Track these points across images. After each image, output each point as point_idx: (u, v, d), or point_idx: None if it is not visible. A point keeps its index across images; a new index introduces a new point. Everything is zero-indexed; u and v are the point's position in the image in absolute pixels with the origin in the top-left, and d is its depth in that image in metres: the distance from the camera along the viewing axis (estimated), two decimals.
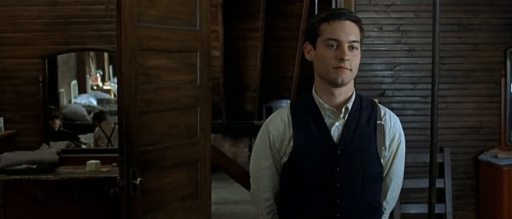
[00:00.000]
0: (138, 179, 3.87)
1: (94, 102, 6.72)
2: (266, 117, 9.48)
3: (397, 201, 4.74)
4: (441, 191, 4.92)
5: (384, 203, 2.53)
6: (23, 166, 4.87)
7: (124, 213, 3.91)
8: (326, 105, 2.39)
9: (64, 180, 4.82)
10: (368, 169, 2.39)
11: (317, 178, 2.41)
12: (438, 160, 4.91)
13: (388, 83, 4.83)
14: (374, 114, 2.42)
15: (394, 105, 4.82)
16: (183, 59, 4.33)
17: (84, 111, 6.34)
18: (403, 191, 4.74)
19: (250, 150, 9.67)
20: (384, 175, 2.49)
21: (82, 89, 6.59)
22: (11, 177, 4.80)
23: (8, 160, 4.87)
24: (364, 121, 2.40)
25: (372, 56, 4.80)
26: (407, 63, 4.82)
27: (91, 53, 6.41)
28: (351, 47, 2.32)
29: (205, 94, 4.51)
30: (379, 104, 2.51)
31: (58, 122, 5.83)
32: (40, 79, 5.20)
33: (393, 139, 2.44)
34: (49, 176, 4.83)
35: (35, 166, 4.88)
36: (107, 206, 4.62)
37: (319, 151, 2.40)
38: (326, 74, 2.35)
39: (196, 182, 4.49)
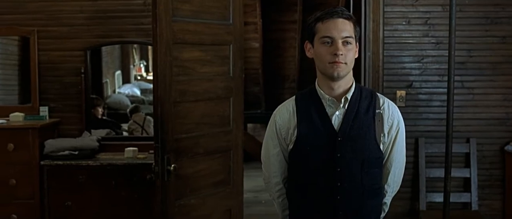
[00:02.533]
0: (172, 165, 4.04)
1: (138, 92, 6.83)
2: None
3: (423, 190, 4.90)
4: (467, 181, 5.01)
5: (385, 186, 2.69)
6: (66, 152, 5.05)
7: (158, 197, 4.08)
8: (327, 96, 2.58)
9: (104, 165, 4.99)
10: (366, 154, 2.56)
11: (319, 163, 2.59)
12: (464, 151, 5.04)
13: (416, 75, 4.91)
14: (373, 103, 2.58)
15: (421, 96, 4.91)
16: (216, 52, 4.46)
17: (127, 101, 6.43)
18: (429, 180, 4.90)
19: None
20: (384, 161, 2.64)
21: (126, 80, 6.68)
22: (55, 162, 4.98)
23: (52, 147, 5.05)
24: (363, 110, 2.56)
25: (400, 49, 4.88)
26: (434, 56, 4.89)
27: (135, 44, 6.51)
28: (345, 43, 2.51)
29: (237, 86, 4.64)
30: (379, 94, 2.66)
31: (100, 110, 5.96)
32: (82, 71, 5.35)
33: (392, 126, 2.60)
34: (90, 162, 5.01)
35: (76, 152, 5.06)
36: (143, 190, 4.79)
37: (321, 138, 2.58)
38: (324, 69, 2.55)
39: (228, 169, 4.63)
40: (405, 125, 4.80)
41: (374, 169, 2.60)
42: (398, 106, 4.78)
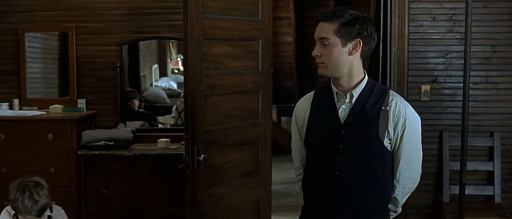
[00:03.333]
0: (202, 156, 4.15)
1: (174, 86, 6.87)
2: None
3: (447, 182, 4.96)
4: (491, 174, 5.06)
5: (394, 181, 2.73)
6: (102, 143, 5.17)
7: (189, 186, 4.20)
8: (336, 89, 2.70)
9: (138, 155, 5.10)
10: (368, 148, 2.64)
11: (323, 152, 2.72)
12: (488, 144, 5.08)
13: (440, 70, 4.96)
14: (381, 100, 2.65)
15: (446, 91, 4.96)
16: (245, 47, 4.55)
17: (164, 94, 6.51)
18: (452, 173, 4.95)
19: None
20: (394, 157, 2.70)
21: (163, 73, 6.72)
22: (91, 152, 5.11)
23: (88, 137, 5.17)
24: (370, 106, 2.64)
25: (424, 44, 4.92)
26: (458, 51, 4.92)
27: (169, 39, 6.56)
28: (323, 44, 2.62)
29: (266, 80, 4.73)
30: (391, 93, 2.70)
31: (136, 103, 6.04)
32: (117, 65, 5.46)
33: (397, 123, 2.64)
34: (124, 152, 5.12)
35: (112, 143, 5.18)
36: (175, 179, 4.89)
37: (327, 129, 2.70)
38: None
39: (257, 160, 4.72)
40: (429, 119, 4.91)
41: (375, 163, 2.68)
42: (422, 101, 4.93)
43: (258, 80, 4.69)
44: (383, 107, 2.65)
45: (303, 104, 2.87)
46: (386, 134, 2.65)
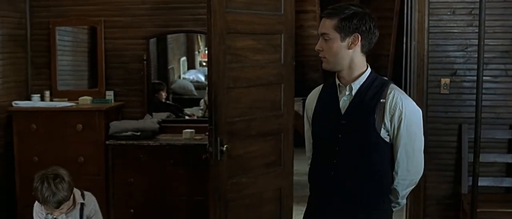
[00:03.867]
0: (225, 146, 4.23)
1: (202, 78, 6.88)
2: None
3: (465, 174, 4.99)
4: (510, 166, 5.04)
5: (394, 173, 2.78)
6: (129, 133, 5.25)
7: (212, 175, 4.29)
8: (338, 82, 2.79)
9: (163, 145, 5.17)
10: (365, 138, 2.71)
11: (324, 141, 2.82)
12: (507, 137, 5.08)
13: (460, 63, 4.97)
14: (379, 93, 2.71)
15: (465, 84, 4.97)
16: (268, 40, 4.61)
17: (191, 86, 6.53)
18: (471, 164, 4.95)
19: None
20: (393, 148, 2.76)
21: (190, 66, 6.75)
22: (118, 142, 5.20)
23: (116, 128, 5.26)
24: (369, 98, 2.71)
25: (444, 38, 4.94)
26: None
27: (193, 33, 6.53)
28: (324, 39, 2.72)
29: (288, 72, 4.78)
30: (391, 86, 2.75)
31: (164, 95, 6.12)
32: (144, 58, 5.54)
33: (394, 114, 2.69)
34: (150, 142, 5.19)
35: (138, 133, 5.25)
36: (199, 169, 4.96)
37: (329, 119, 2.80)
38: None
39: (279, 150, 4.77)
40: (449, 112, 4.95)
41: (373, 154, 2.74)
42: (442, 94, 4.96)
43: (280, 73, 4.74)
44: (381, 99, 2.71)
45: (312, 96, 2.98)
46: (382, 126, 2.70)
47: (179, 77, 6.55)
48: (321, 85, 2.97)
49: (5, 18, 5.37)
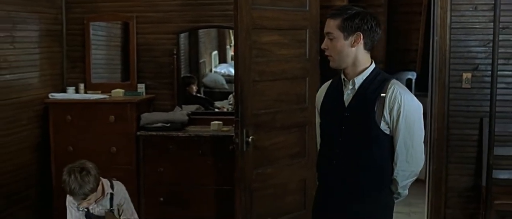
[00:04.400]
0: (250, 137, 4.35)
1: (233, 72, 6.72)
2: None
3: (486, 167, 5.02)
4: None
5: (393, 164, 2.86)
6: (159, 124, 5.29)
7: (238, 165, 4.41)
8: (343, 77, 2.89)
9: (192, 136, 5.20)
10: (366, 130, 2.81)
11: (329, 132, 2.93)
12: None
13: (481, 58, 4.97)
14: (381, 88, 2.80)
15: (486, 79, 4.96)
16: (293, 35, 4.71)
17: (222, 80, 6.48)
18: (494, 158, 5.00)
19: None
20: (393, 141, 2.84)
21: (222, 60, 6.63)
22: (149, 133, 5.24)
23: (147, 119, 5.31)
24: (370, 92, 2.80)
25: (466, 33, 4.95)
26: (500, 40, 4.87)
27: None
28: (329, 38, 2.83)
29: (313, 67, 4.88)
30: (392, 81, 2.84)
31: (194, 88, 6.11)
32: (174, 52, 5.55)
33: (393, 108, 2.77)
34: (179, 133, 5.23)
35: (168, 125, 5.28)
36: (226, 159, 4.99)
37: (334, 111, 2.91)
38: None
39: (303, 142, 4.88)
40: (470, 106, 5.00)
41: (372, 145, 2.83)
42: (464, 88, 4.99)
43: (305, 67, 4.83)
44: (381, 94, 2.79)
45: (321, 90, 3.08)
46: (382, 118, 2.78)
47: (211, 71, 6.55)
48: (330, 80, 3.07)
49: (43, 14, 5.46)
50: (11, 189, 5.10)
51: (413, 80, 10.26)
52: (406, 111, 2.78)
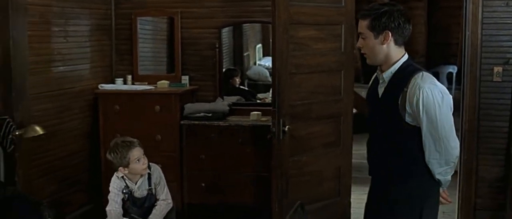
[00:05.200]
0: (287, 127, 4.48)
1: None
2: None
3: None
4: None
5: (425, 153, 2.95)
6: (201, 114, 5.39)
7: (275, 153, 4.55)
8: (378, 71, 3.03)
9: (232, 126, 5.32)
10: (392, 121, 2.95)
11: (369, 121, 3.10)
12: None
13: None
14: (405, 81, 2.90)
15: None
16: (329, 30, 4.82)
17: (266, 72, 6.48)
18: None
19: None
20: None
21: (266, 52, 6.60)
22: (192, 122, 5.36)
23: (190, 109, 5.43)
24: (396, 86, 2.93)
25: (497, 29, 5.00)
26: None
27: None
28: (362, 38, 2.96)
29: (348, 60, 5.00)
30: (417, 75, 2.90)
31: (237, 80, 6.19)
32: (216, 46, 5.66)
33: (412, 102, 2.85)
34: (221, 123, 5.35)
35: (210, 115, 5.40)
36: (264, 147, 5.04)
37: (372, 102, 3.07)
38: None
39: (338, 132, 5.01)
40: (501, 99, 5.08)
41: (397, 135, 2.97)
42: (495, 81, 5.05)
43: (340, 61, 4.94)
44: (404, 88, 2.90)
45: (371, 81, 3.22)
46: (405, 111, 2.89)
47: (255, 63, 6.60)
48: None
49: (94, 10, 5.63)
50: (64, 174, 5.30)
51: (454, 74, 10.26)
52: (425, 103, 2.84)
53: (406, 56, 3.01)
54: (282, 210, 4.59)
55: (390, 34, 2.93)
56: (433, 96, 2.85)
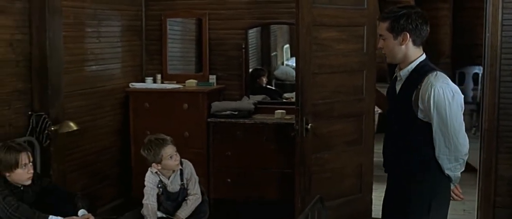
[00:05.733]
0: (309, 125, 4.60)
1: None
2: (459, 82, 9.43)
3: None
4: None
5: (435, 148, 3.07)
6: (227, 112, 5.52)
7: (298, 150, 4.68)
8: (397, 69, 3.15)
9: (257, 124, 5.42)
10: (406, 117, 3.07)
11: (388, 116, 3.25)
12: None
13: None
14: (419, 80, 3.02)
15: None
16: (351, 32, 4.92)
17: (293, 72, 6.23)
18: None
19: None
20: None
21: (293, 53, 6.33)
22: (218, 120, 5.48)
23: (217, 107, 5.55)
24: (411, 84, 3.05)
25: None
26: None
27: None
28: (382, 39, 3.09)
29: (370, 61, 5.09)
30: (431, 75, 3.01)
31: (264, 80, 6.29)
32: (243, 46, 5.76)
33: (424, 99, 2.98)
34: (246, 121, 5.45)
35: (236, 113, 5.51)
36: (287, 145, 5.13)
37: (391, 99, 3.20)
38: None
39: (360, 131, 5.10)
40: None
41: (410, 131, 3.10)
42: None
43: (362, 61, 5.03)
44: (418, 86, 3.02)
45: (391, 80, 3.34)
46: (418, 108, 3.02)
47: (282, 63, 6.63)
48: None
49: (124, 12, 5.79)
50: (96, 168, 5.48)
51: (480, 75, 10.24)
52: (435, 101, 2.96)
53: (423, 56, 3.13)
54: (305, 205, 4.64)
55: (408, 35, 3.07)
56: (444, 95, 2.96)
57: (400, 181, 3.20)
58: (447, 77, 3.06)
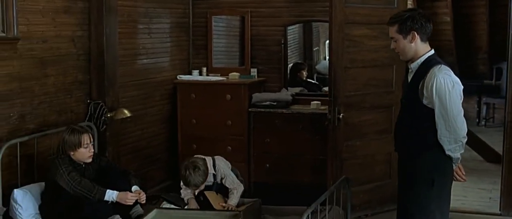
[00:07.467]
0: (341, 114, 4.87)
1: None
2: (497, 77, 9.57)
3: None
4: None
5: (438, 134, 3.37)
6: (267, 103, 5.73)
7: (330, 138, 4.97)
8: (409, 62, 3.45)
9: (294, 113, 5.66)
10: (413, 105, 3.39)
11: (401, 102, 3.56)
12: None
13: None
14: (425, 72, 3.33)
15: None
16: (381, 29, 4.96)
17: None
18: None
19: (479, 107, 9.84)
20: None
21: None
22: (258, 110, 5.73)
23: (257, 98, 5.79)
24: (419, 75, 3.36)
25: None
26: None
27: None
28: (394, 41, 3.40)
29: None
30: (436, 68, 3.32)
31: (305, 73, 6.46)
32: (282, 42, 6.03)
33: (428, 88, 3.29)
34: (284, 111, 5.68)
35: (275, 103, 5.73)
36: (322, 133, 5.35)
37: (404, 89, 3.53)
38: None
39: (390, 121, 5.29)
40: None
41: (415, 116, 3.41)
42: None
43: (392, 56, 5.10)
44: (425, 76, 3.34)
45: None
46: (423, 95, 3.34)
47: (324, 58, 6.72)
48: None
49: (173, 10, 6.08)
50: (146, 153, 5.80)
51: None
52: (437, 88, 3.28)
53: (431, 52, 3.45)
54: None
55: (416, 34, 3.39)
56: (445, 84, 3.29)
57: (407, 159, 3.53)
58: (450, 70, 3.37)
